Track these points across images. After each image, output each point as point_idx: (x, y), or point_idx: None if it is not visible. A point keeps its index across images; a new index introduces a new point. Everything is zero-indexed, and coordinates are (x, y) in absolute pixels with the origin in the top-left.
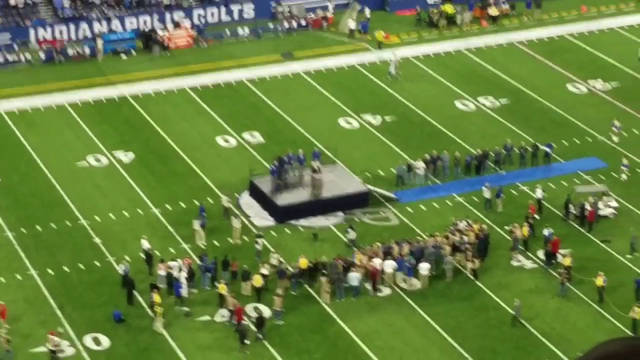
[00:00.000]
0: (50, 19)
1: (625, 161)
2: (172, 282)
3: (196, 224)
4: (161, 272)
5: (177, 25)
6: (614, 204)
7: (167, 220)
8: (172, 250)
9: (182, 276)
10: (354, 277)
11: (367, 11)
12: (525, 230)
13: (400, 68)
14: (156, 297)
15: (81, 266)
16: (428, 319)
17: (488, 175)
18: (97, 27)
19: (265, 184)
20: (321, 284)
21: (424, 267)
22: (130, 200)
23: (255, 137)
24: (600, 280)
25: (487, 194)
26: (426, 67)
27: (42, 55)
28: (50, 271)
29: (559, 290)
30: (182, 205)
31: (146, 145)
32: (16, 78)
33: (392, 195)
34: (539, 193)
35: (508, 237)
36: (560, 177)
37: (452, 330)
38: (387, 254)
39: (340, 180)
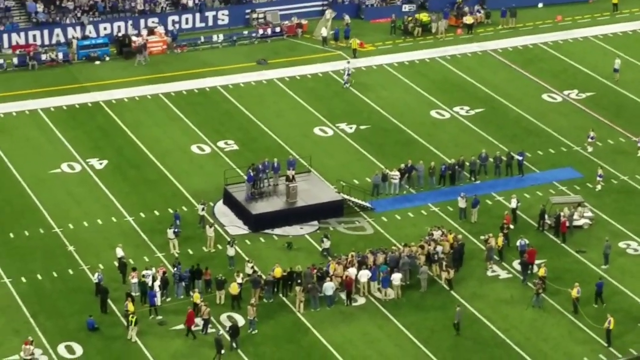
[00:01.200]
0: (24, 23)
1: (600, 171)
2: (146, 291)
3: (170, 233)
4: (134, 280)
5: (151, 31)
6: (589, 214)
7: (141, 228)
8: (146, 258)
9: (156, 285)
10: (329, 287)
11: (347, 17)
12: (500, 240)
13: (352, 77)
14: (130, 306)
15: (54, 274)
16: (402, 328)
17: (463, 185)
18: (70, 32)
19: (240, 193)
20: (295, 293)
21: (397, 278)
22: (104, 208)
23: (229, 144)
24: (574, 292)
25: (462, 203)
26: (401, 75)
27: (15, 61)
28: (23, 279)
29: (533, 300)
30: (156, 213)
31: (120, 152)
32: None
33: (367, 204)
34: (513, 203)
35: (483, 247)
36: (535, 187)
37: (426, 340)
38: (361, 264)
39: (315, 189)
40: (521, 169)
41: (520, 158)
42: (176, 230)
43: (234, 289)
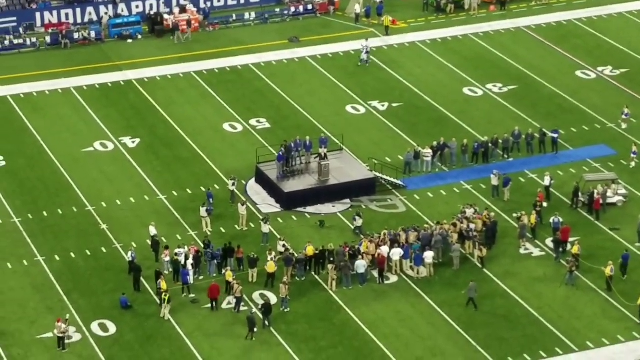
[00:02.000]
0: (56, 2)
1: (634, 148)
2: (178, 269)
3: (202, 211)
4: (166, 258)
5: (183, 9)
6: (622, 191)
7: (174, 206)
8: (178, 237)
9: (189, 263)
10: (361, 265)
11: None
12: (533, 218)
13: (370, 55)
14: (163, 284)
15: (88, 252)
16: (435, 306)
17: (496, 163)
18: (103, 10)
19: (272, 171)
20: (328, 271)
21: (429, 256)
22: (136, 186)
23: (261, 122)
24: (608, 270)
25: (495, 181)
26: (433, 52)
27: (48, 39)
28: (57, 257)
29: (567, 278)
30: (189, 191)
31: (152, 131)
32: (22, 62)
33: (399, 182)
34: (547, 180)
35: (516, 225)
36: (568, 164)
37: (459, 318)
38: (394, 242)
39: (347, 167)
40: (555, 146)
41: (555, 136)
42: (209, 208)
43: (270, 267)
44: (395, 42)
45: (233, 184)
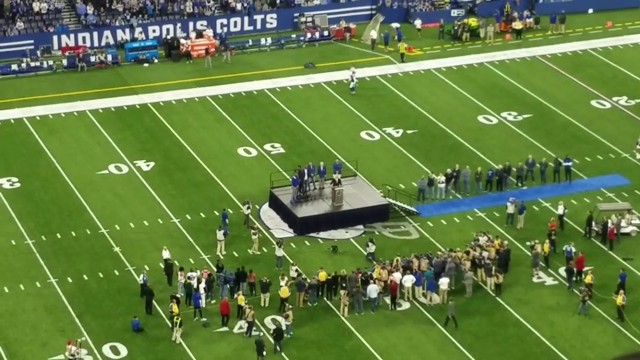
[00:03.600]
0: (74, 25)
1: None
2: (190, 293)
3: (220, 234)
4: (179, 281)
5: (199, 34)
6: (636, 221)
7: (187, 230)
8: (191, 260)
9: (202, 287)
10: (373, 290)
11: (419, 22)
12: (547, 246)
13: (357, 83)
14: (175, 308)
15: (100, 275)
16: (447, 334)
17: (509, 191)
18: (120, 34)
19: (286, 196)
20: (340, 296)
21: (444, 282)
22: (150, 209)
23: (275, 147)
24: (620, 299)
25: (510, 209)
26: (448, 80)
27: (65, 62)
28: (69, 279)
29: (579, 307)
30: (202, 215)
31: (167, 154)
32: (38, 84)
33: (413, 209)
34: (560, 209)
35: (529, 253)
36: (582, 193)
37: (471, 346)
38: (406, 269)
39: (360, 193)
40: (568, 175)
41: (568, 164)
42: (225, 232)
43: (284, 292)
44: (410, 69)
45: (248, 208)
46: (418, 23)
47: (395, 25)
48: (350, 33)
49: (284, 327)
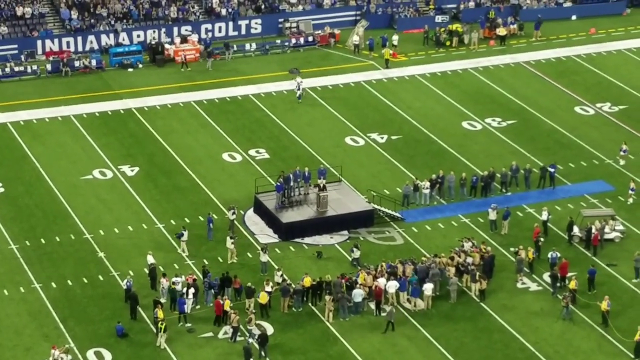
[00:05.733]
0: (58, 30)
1: (632, 185)
2: (175, 298)
3: (229, 242)
4: (163, 286)
5: (184, 39)
6: (620, 227)
7: (172, 235)
8: (176, 265)
9: (190, 292)
10: (358, 294)
11: (396, 38)
12: (531, 252)
13: (303, 91)
14: (160, 313)
15: (85, 280)
16: (431, 339)
17: (494, 197)
18: (104, 39)
19: (270, 201)
20: (325, 302)
21: (428, 288)
22: (134, 215)
23: (260, 152)
24: (604, 304)
25: (492, 215)
26: (433, 85)
27: (49, 67)
28: (53, 284)
29: (563, 313)
30: (187, 220)
31: (151, 159)
32: (22, 89)
33: (397, 214)
34: (544, 215)
35: (513, 259)
36: (566, 199)
37: (455, 351)
38: (391, 274)
39: (345, 199)
40: (552, 181)
41: (552, 170)
42: (233, 237)
43: (263, 298)
44: (395, 75)
45: (233, 214)
46: (395, 39)
47: (394, 37)
48: (334, 39)
49: (270, 332)
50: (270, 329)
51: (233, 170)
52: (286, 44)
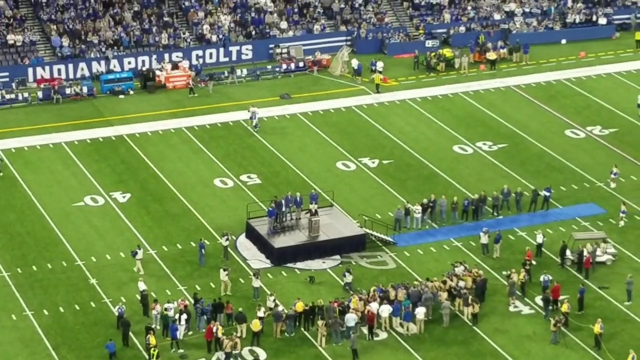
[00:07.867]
0: (49, 58)
1: (623, 207)
2: (167, 324)
3: (223, 274)
4: (155, 312)
5: (175, 65)
6: (611, 250)
7: (164, 261)
8: (168, 292)
9: (183, 319)
10: (351, 318)
11: (380, 64)
12: (522, 275)
13: (259, 121)
14: (152, 339)
15: (77, 307)
16: None
17: (485, 221)
18: (95, 66)
19: (262, 226)
20: (317, 327)
21: (421, 312)
22: (126, 241)
23: (252, 178)
24: (597, 327)
25: (484, 239)
26: (424, 110)
27: (40, 94)
28: (45, 312)
29: (551, 338)
30: (179, 246)
31: (143, 186)
32: (13, 116)
33: (389, 239)
34: (539, 238)
35: (505, 283)
36: (558, 222)
37: None
38: (383, 299)
39: (337, 223)
40: (546, 204)
41: (547, 194)
42: (227, 269)
43: (255, 325)
44: (386, 100)
45: (226, 240)
46: (380, 65)
47: (379, 64)
48: (317, 66)
49: (263, 358)
50: (262, 354)
51: (225, 196)
52: (277, 69)
